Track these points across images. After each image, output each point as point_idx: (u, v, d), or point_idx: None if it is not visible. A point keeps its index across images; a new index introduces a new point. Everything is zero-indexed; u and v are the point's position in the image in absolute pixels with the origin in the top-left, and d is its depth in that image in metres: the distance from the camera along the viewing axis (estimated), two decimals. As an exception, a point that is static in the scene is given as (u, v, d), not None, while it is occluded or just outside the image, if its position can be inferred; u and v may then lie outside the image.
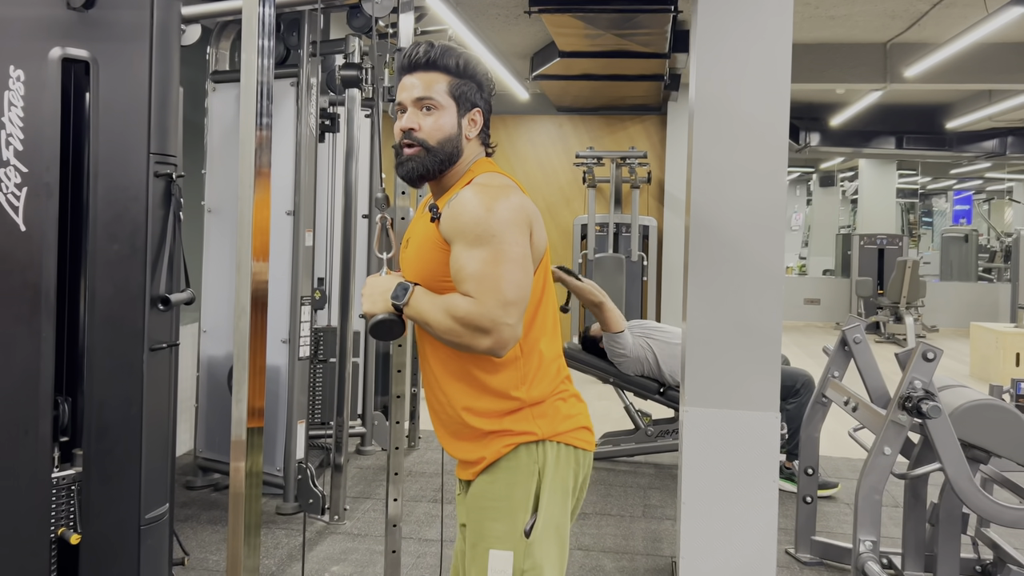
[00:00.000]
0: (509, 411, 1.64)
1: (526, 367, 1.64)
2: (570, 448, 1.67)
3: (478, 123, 1.71)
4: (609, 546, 3.61)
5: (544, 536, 1.62)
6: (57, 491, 2.17)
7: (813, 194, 17.02)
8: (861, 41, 7.45)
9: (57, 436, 2.18)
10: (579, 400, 1.74)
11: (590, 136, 8.90)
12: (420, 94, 1.65)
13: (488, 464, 1.65)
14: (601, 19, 4.82)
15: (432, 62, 1.66)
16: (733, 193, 2.84)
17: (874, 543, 2.72)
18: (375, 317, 1.60)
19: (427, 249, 1.63)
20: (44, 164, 2.09)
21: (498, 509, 1.63)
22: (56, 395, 2.17)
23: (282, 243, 3.88)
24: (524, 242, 1.56)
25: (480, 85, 1.70)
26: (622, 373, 4.64)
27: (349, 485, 4.30)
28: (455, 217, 1.57)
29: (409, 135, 1.65)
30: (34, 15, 2.07)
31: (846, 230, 15.29)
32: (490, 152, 1.75)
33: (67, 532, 2.18)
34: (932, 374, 2.65)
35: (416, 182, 1.68)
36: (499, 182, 1.63)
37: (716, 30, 2.82)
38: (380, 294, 1.61)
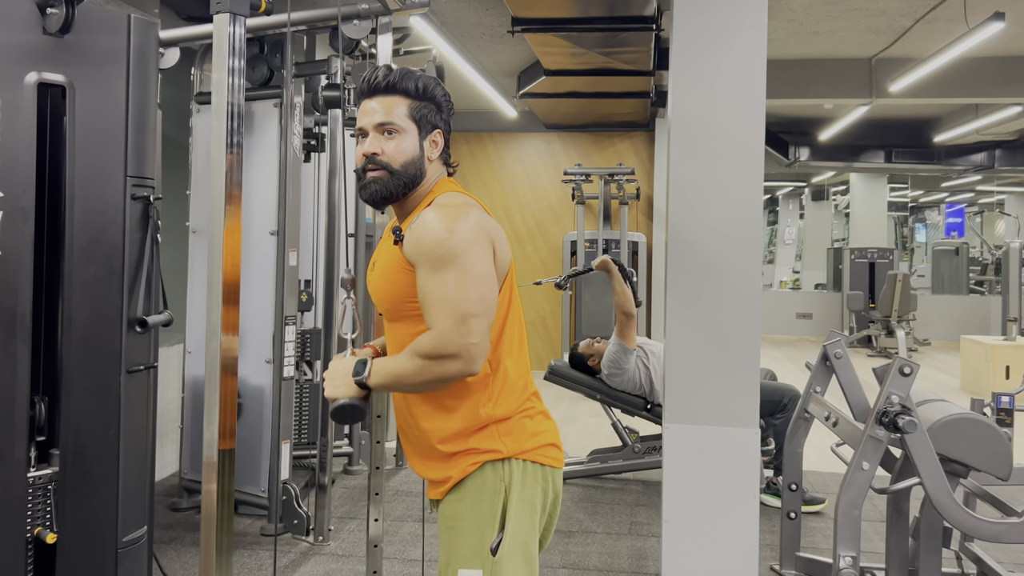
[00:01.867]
0: (475, 429, 1.65)
1: (492, 384, 1.65)
2: (537, 465, 1.67)
3: (439, 144, 1.73)
4: (594, 564, 3.60)
5: (511, 554, 1.62)
6: (33, 491, 2.16)
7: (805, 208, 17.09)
8: (846, 56, 7.51)
9: (33, 436, 2.17)
10: (547, 417, 1.75)
11: (579, 153, 8.94)
12: (381, 119, 1.66)
13: (455, 483, 1.66)
14: (584, 38, 4.86)
15: (392, 86, 1.67)
16: (710, 209, 2.86)
17: (854, 559, 2.72)
18: (336, 402, 1.61)
19: (392, 272, 1.65)
20: (20, 188, 2.09)
21: (465, 528, 1.64)
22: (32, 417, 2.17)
23: (266, 263, 3.89)
24: (486, 259, 1.58)
25: (439, 106, 1.72)
26: (609, 390, 4.64)
27: (335, 505, 4.29)
28: (417, 240, 1.58)
29: (372, 159, 1.66)
30: (10, 40, 2.09)
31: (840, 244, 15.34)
32: (451, 172, 1.77)
33: (43, 532, 2.17)
34: (909, 389, 2.66)
35: (379, 204, 1.69)
36: (459, 201, 1.64)
37: (691, 48, 2.85)
38: (342, 376, 1.63)
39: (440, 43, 5.10)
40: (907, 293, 10.35)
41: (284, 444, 3.85)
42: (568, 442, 5.91)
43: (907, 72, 7.01)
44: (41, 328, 2.21)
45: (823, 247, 15.09)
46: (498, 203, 9.12)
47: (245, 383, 4.01)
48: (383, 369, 1.60)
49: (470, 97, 8.06)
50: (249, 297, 3.96)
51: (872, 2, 5.78)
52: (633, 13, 4.42)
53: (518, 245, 9.09)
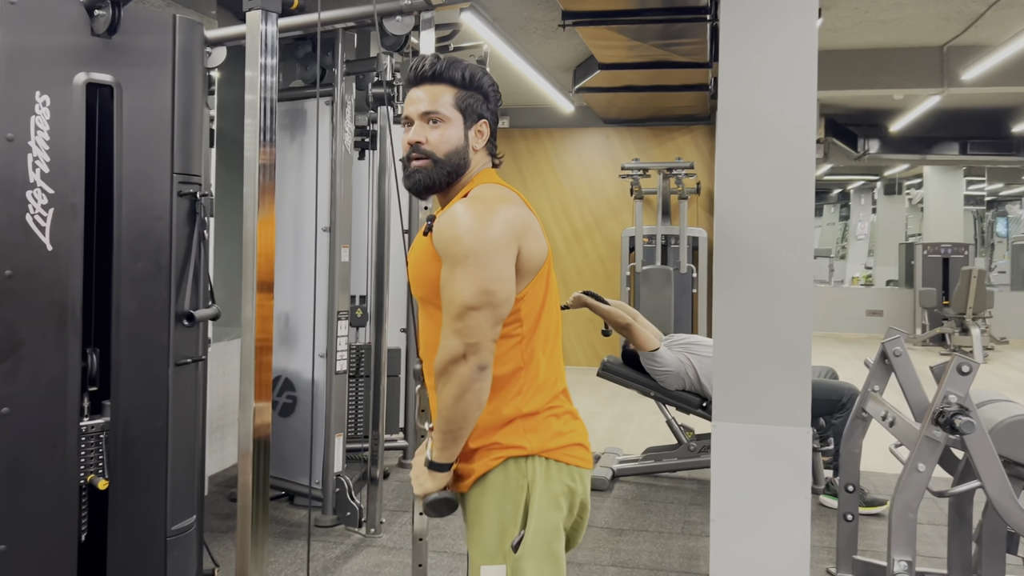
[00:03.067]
0: (501, 424, 1.63)
1: (523, 379, 1.64)
2: (562, 464, 1.65)
3: (485, 134, 1.71)
4: (644, 563, 3.56)
5: (533, 553, 1.60)
6: (86, 439, 2.22)
7: (877, 202, 16.63)
8: (915, 45, 7.26)
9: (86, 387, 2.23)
10: (574, 417, 1.72)
11: (637, 147, 8.85)
12: (426, 108, 1.66)
13: (478, 477, 1.65)
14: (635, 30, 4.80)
15: (438, 75, 1.67)
16: (758, 203, 2.79)
17: (909, 563, 2.62)
18: (428, 498, 1.64)
19: (424, 262, 1.65)
20: (70, 186, 2.16)
21: (488, 523, 1.63)
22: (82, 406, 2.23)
23: (320, 259, 3.94)
24: (503, 258, 1.55)
25: (486, 96, 1.71)
26: (662, 387, 4.58)
27: (389, 498, 4.33)
28: (440, 233, 1.58)
29: (417, 148, 1.66)
30: (59, 42, 2.15)
31: (915, 239, 14.88)
32: (497, 163, 1.76)
33: (96, 478, 2.23)
34: (968, 388, 2.55)
35: (423, 194, 1.70)
36: (491, 194, 1.63)
37: (739, 36, 2.78)
38: (422, 472, 1.65)
39: (492, 38, 5.09)
40: (983, 289, 9.97)
41: (337, 437, 3.91)
42: (625, 439, 5.86)
43: (981, 60, 6.75)
44: (92, 322, 2.27)
45: (896, 242, 14.65)
46: (556, 199, 9.09)
47: (299, 377, 4.07)
48: (439, 435, 1.61)
49: (525, 93, 8.05)
50: (304, 293, 4.03)
51: (941, -12, 5.59)
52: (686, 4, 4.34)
53: (576, 241, 9.04)
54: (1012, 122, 10.36)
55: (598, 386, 7.27)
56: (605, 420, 6.55)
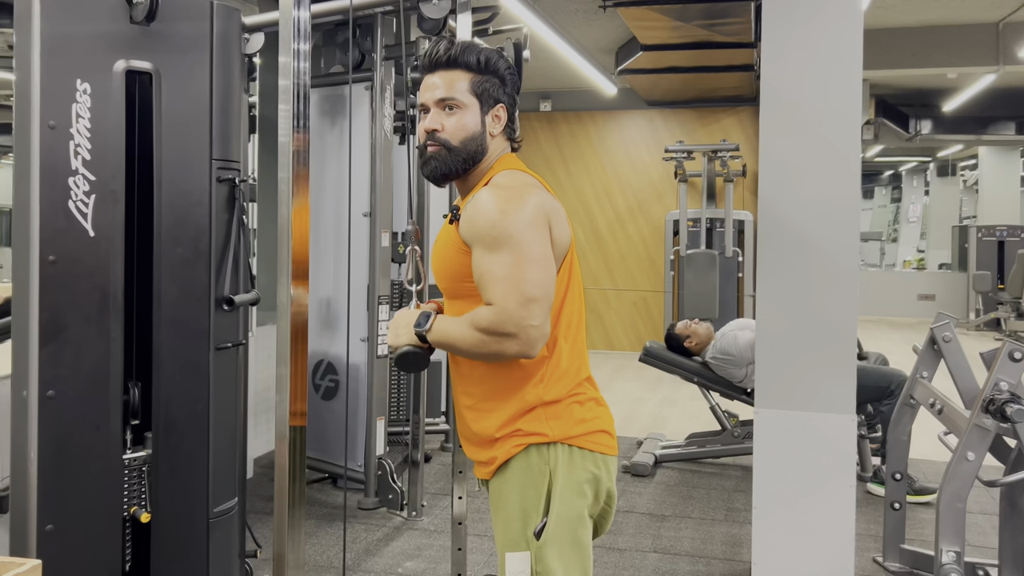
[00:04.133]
0: (523, 411, 1.62)
1: (546, 367, 1.62)
2: (586, 452, 1.63)
3: (502, 119, 1.69)
4: (686, 549, 3.53)
5: (557, 540, 1.59)
6: (128, 472, 2.27)
7: (930, 184, 16.23)
8: (970, 22, 7.03)
9: (128, 420, 2.27)
10: (599, 404, 1.70)
11: (681, 130, 8.73)
12: (442, 95, 1.64)
13: (500, 464, 1.64)
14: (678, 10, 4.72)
15: (453, 60, 1.65)
16: (803, 186, 2.73)
17: (958, 554, 2.56)
18: (399, 349, 1.63)
19: (449, 251, 1.64)
20: (111, 172, 2.18)
21: (511, 510, 1.62)
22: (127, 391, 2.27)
23: (360, 244, 3.96)
24: (543, 241, 1.54)
25: (503, 80, 1.69)
26: (707, 372, 4.54)
27: (431, 482, 4.36)
28: (471, 220, 1.56)
29: (432, 136, 1.65)
30: (99, 30, 2.17)
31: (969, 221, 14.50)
32: (516, 147, 1.74)
33: (138, 511, 2.27)
34: (1020, 375, 2.48)
35: (440, 181, 1.68)
36: (516, 181, 1.61)
37: (783, 18, 2.71)
38: (404, 326, 1.64)
39: (532, 21, 5.05)
40: (1040, 273, 9.70)
41: (379, 420, 3.93)
42: (668, 425, 5.82)
43: (1039, 36, 6.52)
44: (133, 308, 2.31)
45: (949, 225, 14.28)
46: (599, 183, 9.02)
47: (341, 361, 4.10)
48: (443, 328, 1.59)
49: (567, 75, 7.98)
50: (342, 277, 4.05)
51: (998, -39, 5.40)
52: (730, -18, 4.27)
53: (619, 225, 8.97)
54: (1072, 100, 10.02)
55: (641, 371, 7.23)
56: (649, 405, 6.51)
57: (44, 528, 2.14)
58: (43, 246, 2.10)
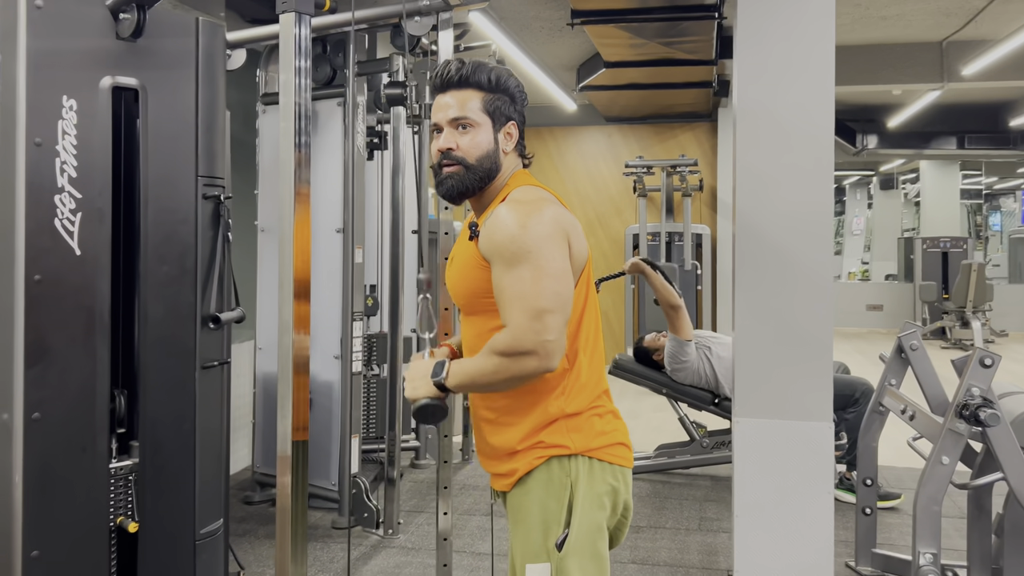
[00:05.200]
0: (545, 424, 1.64)
1: (567, 379, 1.64)
2: (605, 464, 1.65)
3: (514, 136, 1.72)
4: (664, 559, 3.57)
5: (578, 550, 1.60)
6: (115, 481, 2.22)
7: (874, 197, 16.67)
8: (915, 40, 7.28)
9: (114, 428, 2.23)
10: (616, 417, 1.72)
11: (640, 145, 8.85)
12: (455, 114, 1.66)
13: (520, 476, 1.65)
14: (645, 28, 4.80)
15: (464, 79, 1.67)
16: (779, 199, 2.80)
17: (934, 556, 2.63)
18: (417, 402, 1.62)
19: (469, 268, 1.65)
20: (97, 190, 2.15)
21: (531, 522, 1.63)
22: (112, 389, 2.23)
23: (332, 260, 3.94)
24: (561, 255, 1.56)
25: (513, 98, 1.71)
26: (675, 384, 4.59)
27: (403, 499, 4.33)
28: (491, 236, 1.58)
29: (447, 155, 1.66)
30: (85, 46, 2.14)
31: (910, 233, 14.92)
32: (527, 163, 1.76)
33: (125, 521, 2.23)
34: (990, 380, 2.57)
35: (456, 199, 1.70)
36: (534, 196, 1.63)
37: (757, 34, 2.78)
38: (421, 378, 1.63)
39: (499, 38, 5.10)
40: (983, 283, 10.02)
41: (353, 438, 3.91)
42: (633, 437, 5.81)
43: (981, 55, 6.77)
44: (119, 326, 2.27)
45: (893, 237, 14.69)
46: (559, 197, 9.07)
47: (315, 379, 4.07)
48: (461, 370, 1.60)
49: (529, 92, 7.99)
50: (317, 294, 4.01)
51: (943, -18, 5.60)
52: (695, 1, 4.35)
53: (579, 240, 9.03)
54: (1009, 116, 10.40)
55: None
56: (613, 418, 6.55)
57: (30, 554, 2.08)
58: (28, 265, 2.06)
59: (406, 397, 1.66)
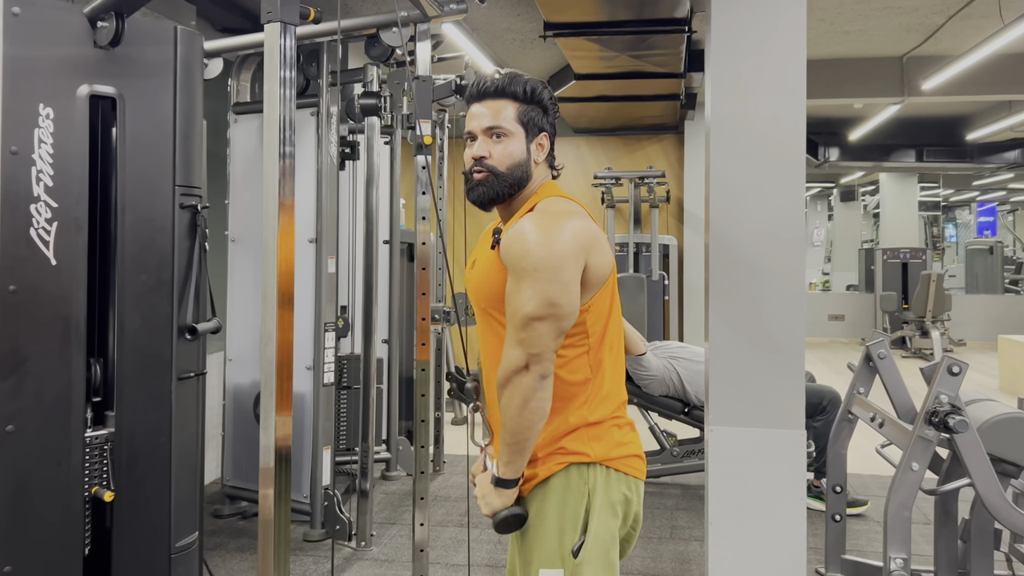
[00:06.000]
0: (568, 431, 1.65)
1: (591, 388, 1.66)
2: (621, 474, 1.67)
3: (545, 147, 1.74)
4: (637, 568, 3.59)
5: (593, 559, 1.62)
6: (90, 451, 2.20)
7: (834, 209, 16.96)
8: (877, 55, 7.45)
9: (90, 397, 2.20)
10: (633, 429, 1.75)
11: (608, 157, 8.93)
12: (490, 123, 1.68)
13: (539, 481, 1.66)
14: (616, 41, 4.86)
15: (500, 90, 1.69)
16: (752, 210, 2.84)
17: (905, 560, 2.68)
18: (498, 516, 1.65)
19: (492, 273, 1.67)
20: (73, 199, 2.13)
21: (548, 527, 1.64)
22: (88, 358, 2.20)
23: (305, 270, 3.92)
24: (569, 271, 1.57)
25: (546, 109, 1.73)
26: (646, 393, 4.62)
27: (375, 511, 4.31)
28: (508, 247, 1.60)
29: (480, 162, 1.68)
30: (62, 54, 2.12)
31: (869, 244, 15.19)
32: (556, 174, 1.78)
33: (100, 491, 2.20)
34: (958, 388, 2.63)
35: (487, 206, 1.71)
36: (559, 208, 1.64)
37: (730, 49, 2.83)
38: (489, 491, 1.66)
39: (471, 49, 5.12)
40: (941, 293, 10.22)
41: (325, 450, 3.88)
42: (603, 446, 5.88)
43: (940, 70, 6.94)
44: (95, 337, 2.24)
45: (853, 248, 14.94)
46: (527, 208, 9.10)
47: (285, 390, 4.03)
48: (503, 448, 1.61)
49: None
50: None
51: (904, 0, 5.73)
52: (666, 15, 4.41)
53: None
54: (966, 130, 10.65)
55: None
56: (582, 428, 6.57)
57: (2, 570, 2.05)
58: (3, 275, 2.04)
59: (484, 515, 1.67)
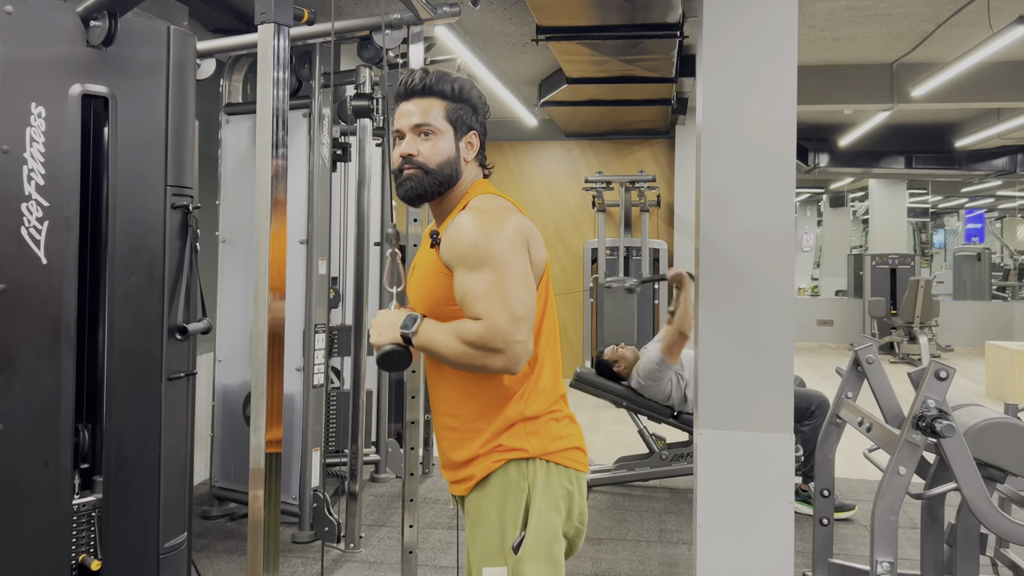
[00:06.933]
0: (504, 427, 1.66)
1: (527, 383, 1.67)
2: (561, 468, 1.68)
3: (475, 146, 1.75)
4: (625, 571, 3.60)
5: (534, 553, 1.62)
6: (78, 518, 2.19)
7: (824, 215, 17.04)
8: (867, 62, 7.50)
9: (78, 463, 2.20)
10: (573, 421, 1.76)
11: (599, 161, 8.95)
12: (418, 120, 1.69)
13: (479, 480, 1.67)
14: (608, 46, 4.87)
15: (428, 88, 1.71)
16: (742, 215, 2.86)
17: (891, 564, 2.70)
18: (383, 348, 1.63)
19: (431, 276, 1.67)
20: (65, 198, 2.13)
21: (488, 525, 1.65)
22: (77, 423, 2.20)
23: (296, 271, 3.91)
24: (524, 260, 1.60)
25: (475, 108, 1.75)
26: (636, 396, 4.64)
27: (364, 513, 4.30)
28: (453, 243, 1.61)
29: (409, 160, 1.70)
30: (55, 53, 2.12)
31: (858, 250, 15.26)
32: (487, 174, 1.79)
33: (88, 559, 2.19)
34: (945, 393, 2.64)
35: (415, 202, 1.72)
36: (494, 204, 1.66)
37: (722, 55, 2.85)
38: (388, 325, 1.65)
39: (463, 52, 5.13)
40: (929, 299, 10.29)
41: (314, 451, 3.88)
42: (593, 449, 5.90)
43: (929, 77, 6.99)
44: (84, 337, 2.24)
45: (842, 254, 15.01)
46: (518, 211, 9.11)
47: (275, 391, 4.02)
48: (430, 334, 1.61)
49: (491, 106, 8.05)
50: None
51: (894, 7, 5.77)
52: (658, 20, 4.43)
53: (538, 253, 9.08)
54: (955, 137, 10.72)
55: (563, 397, 7.30)
56: (572, 431, 6.57)
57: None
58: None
59: (371, 343, 1.66)
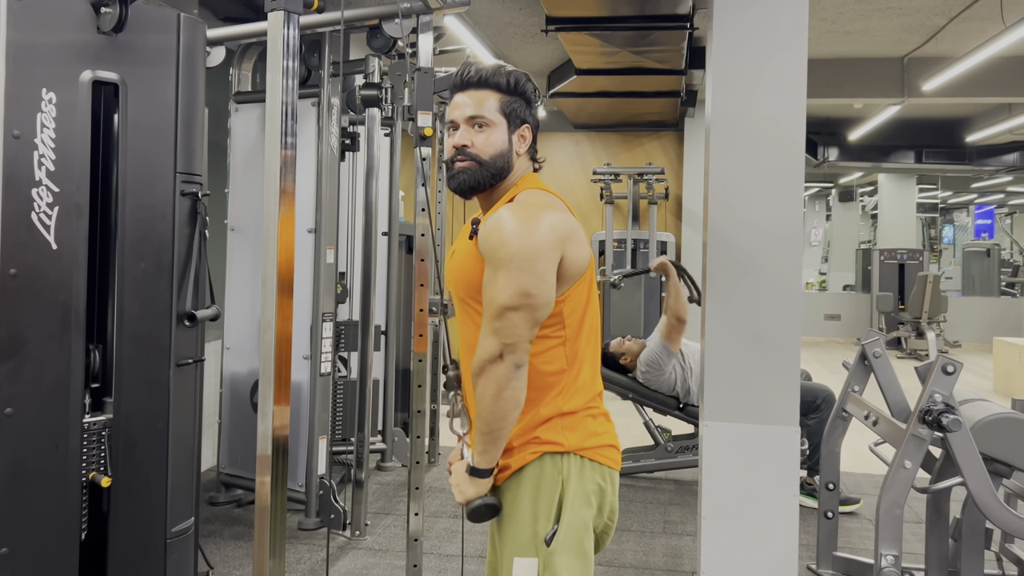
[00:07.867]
0: (542, 421, 1.67)
1: (567, 378, 1.68)
2: (595, 464, 1.69)
3: (527, 139, 1.75)
4: (629, 561, 3.61)
5: (566, 547, 1.63)
6: (88, 437, 2.20)
7: (832, 209, 16.98)
8: (878, 56, 7.46)
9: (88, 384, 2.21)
10: (608, 419, 1.76)
11: (607, 152, 8.94)
12: (472, 112, 1.70)
13: (513, 471, 1.67)
14: (617, 37, 4.86)
15: (484, 80, 1.71)
16: (750, 208, 2.86)
17: (896, 558, 2.70)
18: (471, 504, 1.65)
19: (469, 261, 1.68)
20: (75, 184, 2.13)
21: (522, 516, 1.66)
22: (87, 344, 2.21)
23: (304, 260, 3.92)
24: (545, 262, 1.58)
25: (529, 102, 1.75)
26: (641, 389, 4.64)
27: (370, 501, 4.32)
28: (486, 237, 1.61)
29: (462, 151, 1.70)
30: (65, 40, 2.13)
31: (866, 245, 15.21)
32: (537, 168, 1.79)
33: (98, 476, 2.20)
34: (952, 387, 2.64)
35: (467, 194, 1.72)
36: (537, 200, 1.66)
37: (732, 47, 2.84)
38: (463, 479, 1.67)
39: (473, 42, 5.13)
40: (937, 295, 10.25)
41: (321, 440, 3.89)
42: (598, 441, 5.90)
43: (940, 71, 6.95)
44: (94, 322, 2.25)
45: (851, 248, 14.96)
46: (526, 203, 9.12)
47: (282, 379, 4.04)
48: (475, 436, 1.63)
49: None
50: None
51: (905, 1, 5.74)
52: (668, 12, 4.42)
53: (546, 245, 9.09)
54: (966, 132, 10.67)
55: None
56: (577, 422, 6.59)
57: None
58: (4, 259, 2.04)
59: (457, 503, 1.68)
